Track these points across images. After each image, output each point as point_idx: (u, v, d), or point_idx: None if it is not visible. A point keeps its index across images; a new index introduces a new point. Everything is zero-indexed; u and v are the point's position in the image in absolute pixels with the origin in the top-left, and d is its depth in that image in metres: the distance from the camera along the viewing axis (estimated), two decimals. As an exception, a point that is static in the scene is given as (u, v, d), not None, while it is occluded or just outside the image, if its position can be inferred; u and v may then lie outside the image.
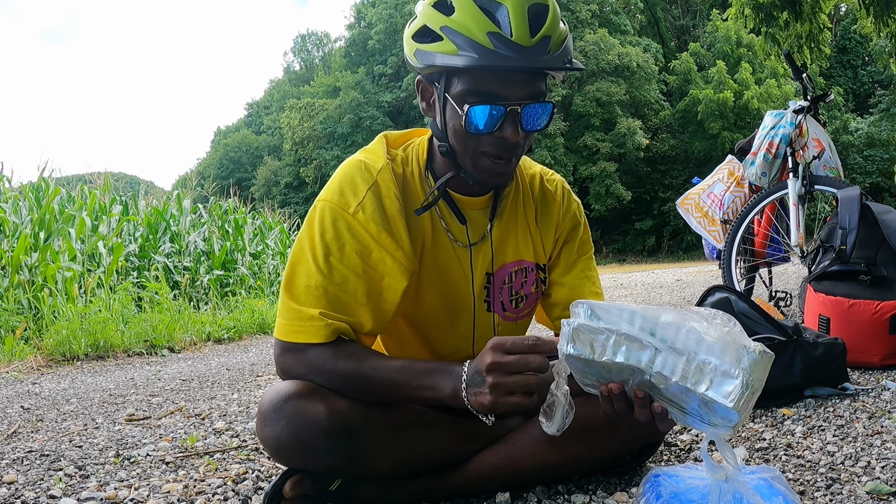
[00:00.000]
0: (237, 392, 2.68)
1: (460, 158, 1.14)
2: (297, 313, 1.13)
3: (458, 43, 1.03)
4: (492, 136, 1.09)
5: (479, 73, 1.06)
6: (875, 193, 23.80)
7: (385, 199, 1.16)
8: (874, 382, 1.98)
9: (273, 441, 1.09)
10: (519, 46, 1.02)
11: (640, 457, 1.34)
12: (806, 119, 3.15)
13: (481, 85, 1.06)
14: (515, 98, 1.07)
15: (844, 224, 2.33)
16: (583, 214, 1.39)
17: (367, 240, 1.13)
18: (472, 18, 1.03)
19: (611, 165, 27.58)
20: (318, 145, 34.32)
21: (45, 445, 1.83)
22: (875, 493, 1.16)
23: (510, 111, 1.07)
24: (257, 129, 48.22)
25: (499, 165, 1.13)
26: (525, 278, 1.31)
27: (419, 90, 1.18)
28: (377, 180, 1.16)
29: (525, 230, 1.30)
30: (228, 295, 6.35)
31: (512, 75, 1.06)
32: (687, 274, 10.04)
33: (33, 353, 3.85)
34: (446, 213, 1.24)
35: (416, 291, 1.24)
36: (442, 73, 1.10)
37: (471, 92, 1.06)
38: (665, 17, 34.72)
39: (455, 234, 1.24)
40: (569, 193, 1.37)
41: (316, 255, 1.13)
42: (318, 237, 1.14)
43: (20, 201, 5.70)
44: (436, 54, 1.06)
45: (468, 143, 1.11)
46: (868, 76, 29.86)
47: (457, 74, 1.08)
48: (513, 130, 1.08)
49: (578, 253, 1.35)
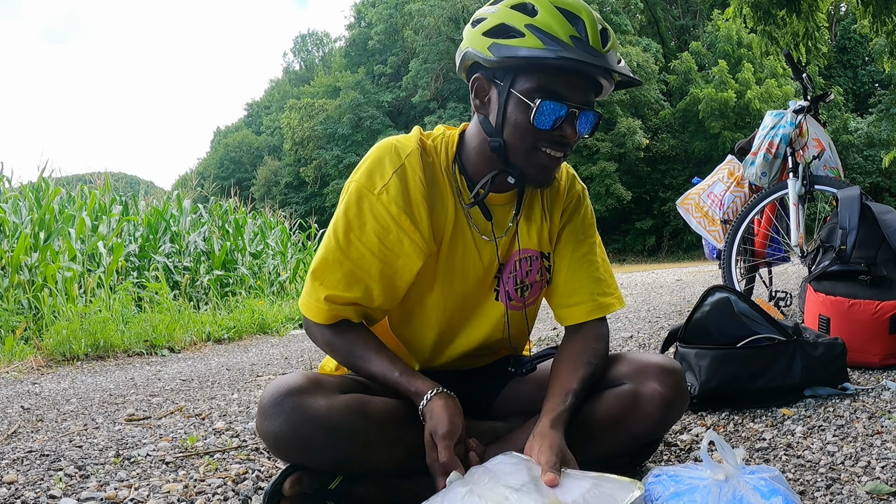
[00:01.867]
0: (237, 392, 2.68)
1: (513, 154, 1.18)
2: (311, 290, 1.23)
3: (543, 39, 1.10)
4: (550, 134, 1.15)
5: (550, 73, 1.12)
6: (875, 193, 23.80)
7: (410, 181, 1.20)
8: (874, 382, 1.98)
9: (272, 436, 1.10)
10: (595, 51, 1.11)
11: (640, 456, 1.34)
12: (806, 119, 3.14)
13: (550, 83, 1.12)
14: (577, 101, 1.14)
15: (844, 224, 2.33)
16: (587, 199, 1.40)
17: (387, 220, 1.18)
18: (556, 21, 1.11)
19: (611, 165, 27.57)
20: (318, 145, 34.31)
21: (45, 445, 1.83)
22: (875, 493, 1.16)
23: (570, 112, 1.14)
24: (257, 129, 48.21)
25: (552, 161, 1.18)
26: (530, 267, 1.33)
27: (474, 88, 1.21)
28: (405, 163, 1.21)
29: (533, 222, 1.32)
30: (228, 295, 6.35)
31: (576, 80, 1.14)
32: (687, 274, 10.04)
33: (33, 353, 3.85)
34: (474, 209, 1.27)
35: (433, 276, 1.27)
36: (508, 71, 1.15)
37: (539, 89, 1.12)
38: (665, 16, 34.70)
39: (480, 227, 1.27)
40: (574, 177, 1.39)
41: (338, 231, 1.20)
42: (342, 215, 1.21)
43: (20, 201, 5.70)
44: (519, 48, 1.11)
45: (527, 137, 1.15)
46: (868, 76, 29.86)
47: (527, 72, 1.13)
48: (572, 130, 1.15)
49: (580, 236, 1.35)
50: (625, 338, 3.29)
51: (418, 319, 1.32)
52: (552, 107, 1.12)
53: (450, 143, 1.28)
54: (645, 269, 15.26)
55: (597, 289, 1.33)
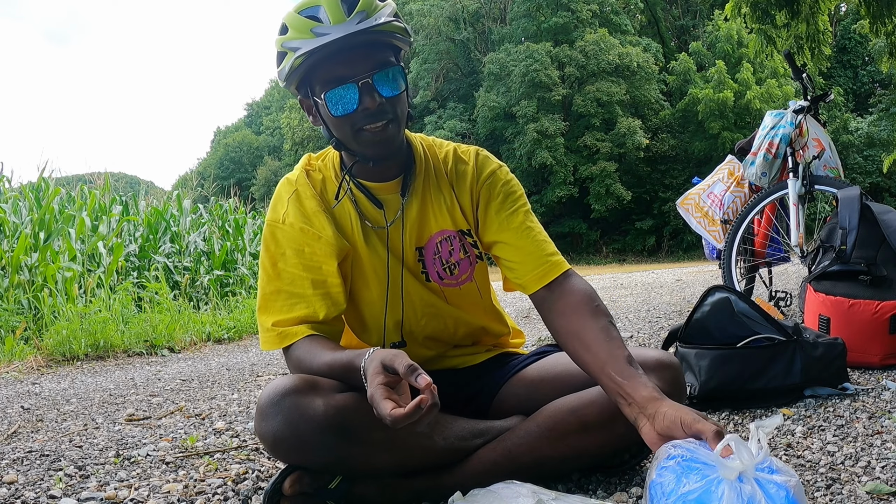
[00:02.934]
0: (237, 392, 2.68)
1: (348, 144, 1.26)
2: (261, 324, 1.32)
3: (294, 47, 1.19)
4: (357, 113, 1.20)
5: (321, 66, 1.19)
6: (875, 193, 23.80)
7: (304, 200, 1.32)
8: (874, 382, 1.98)
9: (270, 436, 1.11)
10: (335, 27, 1.16)
11: (640, 455, 1.34)
12: (806, 119, 3.14)
13: (329, 74, 1.19)
14: (362, 72, 1.19)
15: (844, 224, 2.33)
16: (507, 174, 1.41)
17: (298, 239, 1.30)
18: (297, 26, 1.18)
19: (611, 165, 27.56)
20: (318, 145, 34.31)
21: (45, 445, 1.83)
22: (875, 493, 1.16)
23: (362, 84, 1.18)
24: (257, 129, 48.22)
25: (376, 133, 1.22)
26: (451, 246, 1.38)
27: (304, 109, 1.31)
28: (296, 188, 1.34)
29: (440, 202, 1.37)
30: (228, 295, 6.35)
31: (351, 55, 1.19)
32: (687, 274, 10.03)
33: (33, 353, 3.85)
34: (364, 202, 1.34)
35: (352, 276, 1.35)
36: (303, 85, 1.25)
37: (324, 83, 1.20)
38: (665, 17, 34.70)
39: (373, 219, 1.34)
40: (484, 157, 1.42)
41: (266, 266, 1.32)
42: (264, 251, 1.33)
43: (20, 201, 5.70)
44: (286, 65, 1.21)
45: (344, 127, 1.22)
46: (868, 76, 29.85)
47: (310, 77, 1.22)
48: (370, 99, 1.19)
49: (507, 208, 1.36)
50: (625, 338, 3.30)
51: (370, 317, 1.38)
52: (337, 93, 1.19)
53: (334, 157, 1.38)
54: (645, 269, 15.26)
55: (544, 251, 1.33)
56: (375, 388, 1.01)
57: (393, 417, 0.96)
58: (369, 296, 1.36)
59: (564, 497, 1.04)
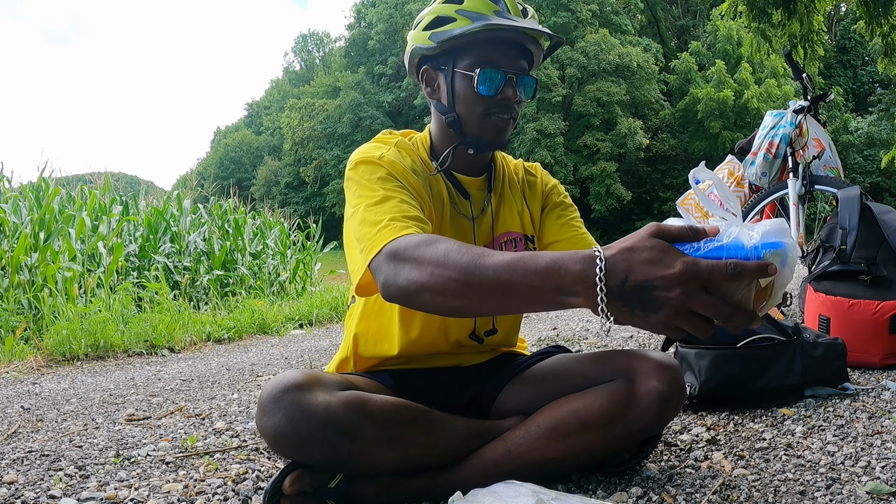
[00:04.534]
0: (237, 392, 2.68)
1: (467, 124, 1.33)
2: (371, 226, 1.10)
3: (471, 17, 1.28)
4: (494, 99, 1.31)
5: (485, 46, 1.29)
6: (875, 193, 23.80)
7: (404, 155, 1.33)
8: (874, 382, 1.98)
9: (271, 431, 1.11)
10: (517, 18, 1.30)
11: (640, 455, 1.34)
12: (806, 119, 3.15)
13: (486, 55, 1.29)
14: (513, 68, 1.31)
15: (844, 224, 2.33)
16: (563, 189, 1.56)
17: (399, 170, 1.27)
18: (481, 2, 1.29)
19: (611, 165, 27.58)
20: (318, 145, 34.33)
21: (45, 445, 1.83)
22: (875, 493, 1.16)
23: (509, 78, 1.31)
24: (257, 129, 48.23)
25: (501, 122, 1.33)
26: (514, 248, 1.43)
27: (423, 79, 1.38)
28: (396, 144, 1.36)
29: (512, 206, 1.47)
30: (228, 295, 6.35)
31: (507, 49, 1.30)
32: (687, 274, 10.02)
33: (33, 353, 3.85)
34: (453, 190, 1.40)
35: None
36: (449, 55, 1.32)
37: (477, 62, 1.29)
38: (665, 16, 34.72)
39: (460, 208, 1.40)
40: (545, 172, 1.57)
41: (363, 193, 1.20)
42: (356, 182, 1.24)
43: (20, 201, 5.69)
44: (453, 29, 1.28)
45: (476, 106, 1.31)
46: (868, 76, 29.86)
47: (464, 50, 1.30)
48: (513, 92, 1.31)
49: (565, 216, 1.50)
50: (625, 338, 3.29)
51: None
52: (491, 74, 1.29)
53: (423, 138, 1.43)
54: (645, 269, 15.23)
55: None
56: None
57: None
58: None
59: (564, 497, 1.04)
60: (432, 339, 1.40)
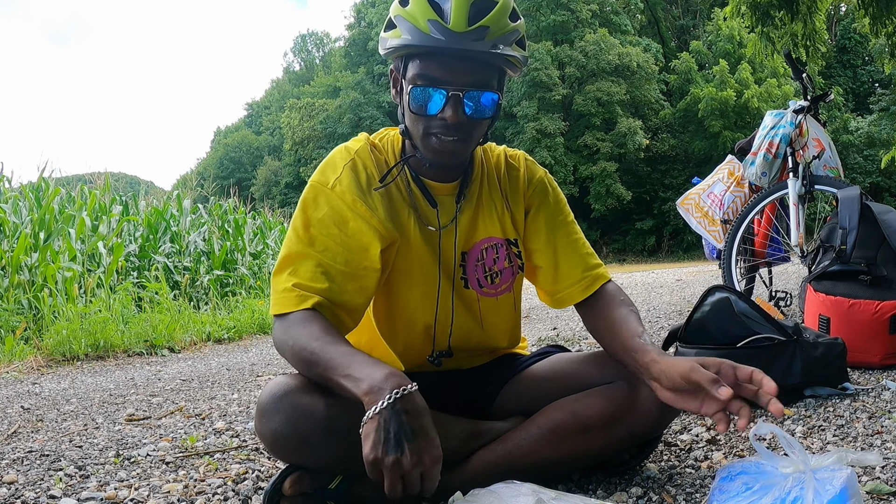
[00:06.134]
0: (237, 392, 2.68)
1: (414, 139, 1.23)
2: (278, 283, 1.19)
3: (403, 28, 1.15)
4: (435, 119, 1.17)
5: (426, 59, 1.15)
6: (875, 193, 23.80)
7: (360, 172, 1.25)
8: (874, 382, 1.98)
9: (270, 435, 1.10)
10: (452, 32, 1.11)
11: (640, 455, 1.34)
12: (806, 119, 3.14)
13: (427, 69, 1.15)
14: (458, 84, 1.15)
15: (844, 224, 2.33)
16: (552, 182, 1.42)
17: (344, 210, 1.21)
18: (419, 8, 1.13)
19: (611, 165, 27.56)
20: (318, 145, 34.31)
21: (45, 445, 1.83)
22: (875, 493, 1.16)
23: (451, 95, 1.15)
24: (257, 129, 48.21)
25: (444, 143, 1.19)
26: (497, 254, 1.36)
27: (391, 78, 1.27)
28: (354, 157, 1.26)
29: (492, 210, 1.35)
30: (228, 295, 6.35)
31: (455, 62, 1.14)
32: (687, 274, 10.03)
33: (33, 353, 3.85)
34: (419, 199, 1.30)
35: (395, 268, 1.28)
36: (402, 60, 1.20)
37: (419, 76, 1.16)
38: (665, 16, 34.70)
39: (427, 217, 1.30)
40: (532, 163, 1.42)
41: (298, 229, 1.21)
42: (301, 212, 1.22)
43: (20, 201, 5.70)
44: (389, 39, 1.18)
45: (417, 123, 1.19)
46: (868, 76, 29.84)
47: (411, 60, 1.18)
48: (452, 113, 1.15)
49: (555, 217, 1.38)
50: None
51: (404, 319, 1.33)
52: (424, 92, 1.15)
53: (395, 140, 1.33)
54: (645, 269, 15.26)
55: (589, 263, 1.36)
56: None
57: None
58: (409, 296, 1.30)
59: (564, 497, 1.04)
60: (418, 353, 1.36)
